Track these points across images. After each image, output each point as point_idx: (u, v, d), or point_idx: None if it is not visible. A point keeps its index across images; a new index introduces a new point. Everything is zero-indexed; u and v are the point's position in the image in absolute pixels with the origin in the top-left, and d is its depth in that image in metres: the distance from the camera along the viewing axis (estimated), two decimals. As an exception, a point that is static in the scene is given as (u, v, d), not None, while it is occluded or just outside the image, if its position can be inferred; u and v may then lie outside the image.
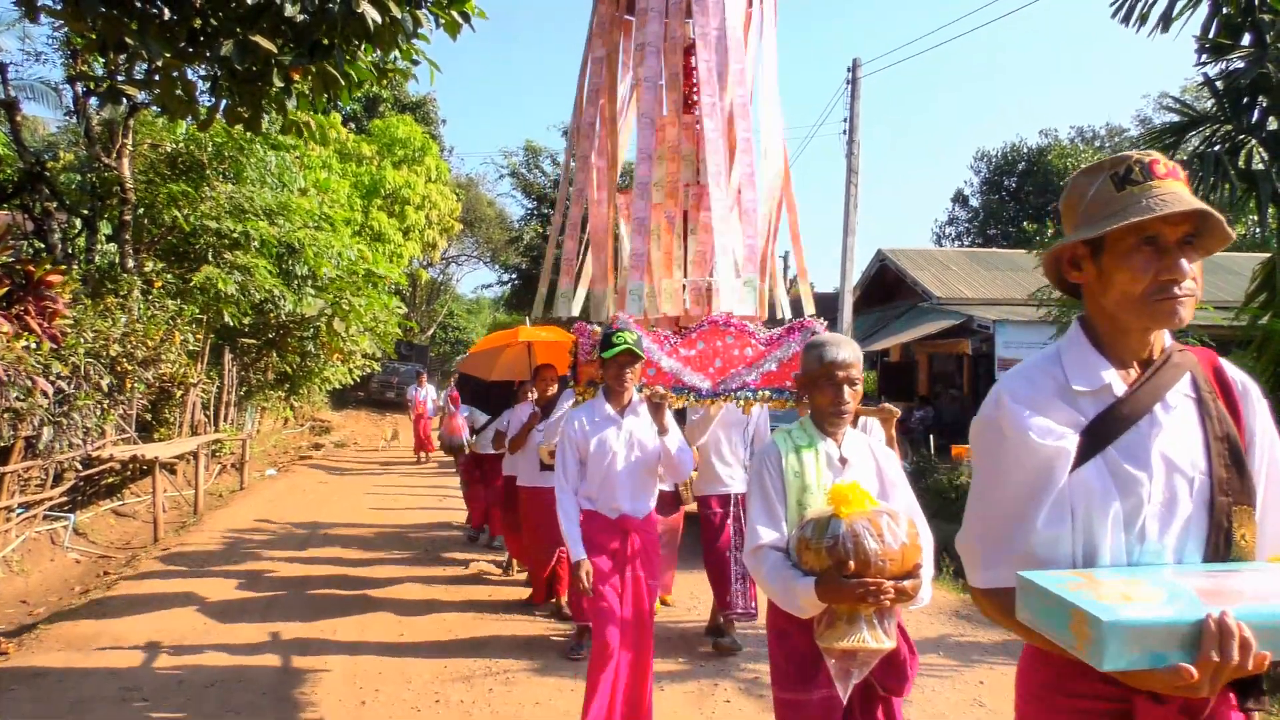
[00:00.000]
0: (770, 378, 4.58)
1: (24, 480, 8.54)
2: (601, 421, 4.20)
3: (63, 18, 5.80)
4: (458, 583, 7.89)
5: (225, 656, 5.75)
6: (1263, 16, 9.11)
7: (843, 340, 2.85)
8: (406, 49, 6.40)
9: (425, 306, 40.16)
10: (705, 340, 4.55)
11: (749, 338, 4.59)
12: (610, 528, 4.17)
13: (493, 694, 5.16)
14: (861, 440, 2.95)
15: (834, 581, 2.41)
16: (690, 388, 4.51)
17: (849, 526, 2.42)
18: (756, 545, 2.72)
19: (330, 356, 17.53)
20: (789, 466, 2.78)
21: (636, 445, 4.20)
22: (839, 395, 2.80)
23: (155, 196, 13.51)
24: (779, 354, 4.58)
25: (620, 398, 4.22)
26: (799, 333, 4.59)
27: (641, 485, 4.25)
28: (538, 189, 33.13)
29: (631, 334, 4.08)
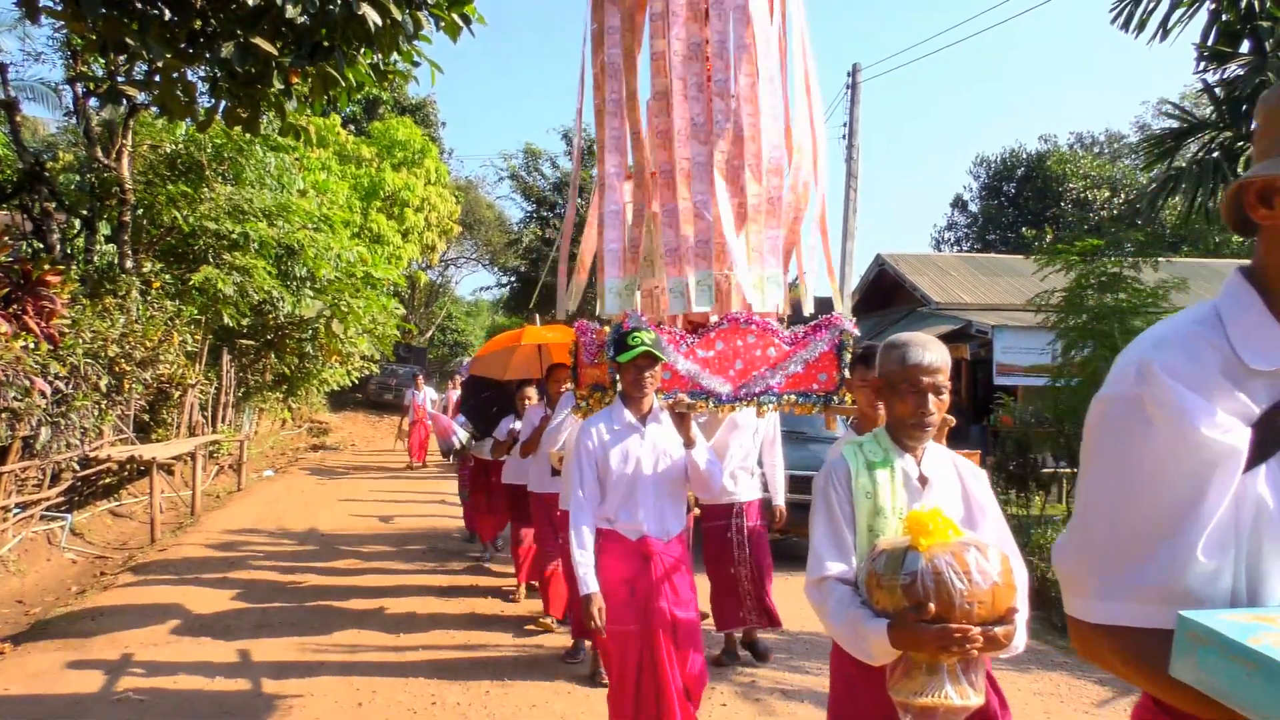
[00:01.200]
0: (795, 380, 4.15)
1: (21, 480, 8.52)
2: (621, 431, 3.77)
3: (63, 18, 5.81)
4: (455, 585, 7.88)
5: (221, 658, 5.75)
6: (1262, 23, 9.13)
7: (929, 341, 2.47)
8: (406, 51, 6.40)
9: (424, 308, 40.14)
10: (725, 340, 4.08)
11: (772, 337, 4.13)
12: (630, 552, 3.72)
13: (489, 696, 5.16)
14: (945, 457, 2.56)
15: (911, 626, 2.04)
16: (709, 392, 4.03)
17: (929, 561, 2.07)
18: (821, 576, 2.35)
19: (329, 358, 17.52)
20: (859, 486, 2.42)
21: (661, 457, 3.77)
22: (922, 404, 2.40)
23: (154, 197, 13.51)
24: (805, 354, 4.13)
25: (640, 404, 3.79)
26: (826, 331, 4.17)
27: (667, 503, 3.80)
28: (537, 192, 33.13)
29: (648, 333, 3.66)
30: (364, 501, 12.82)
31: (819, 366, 4.16)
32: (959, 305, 19.03)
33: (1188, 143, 10.51)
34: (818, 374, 4.17)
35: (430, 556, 9.10)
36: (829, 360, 4.13)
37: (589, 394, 4.33)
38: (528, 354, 8.06)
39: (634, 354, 3.63)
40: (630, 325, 3.78)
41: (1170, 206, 11.78)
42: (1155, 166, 10.99)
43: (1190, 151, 10.49)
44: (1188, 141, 10.47)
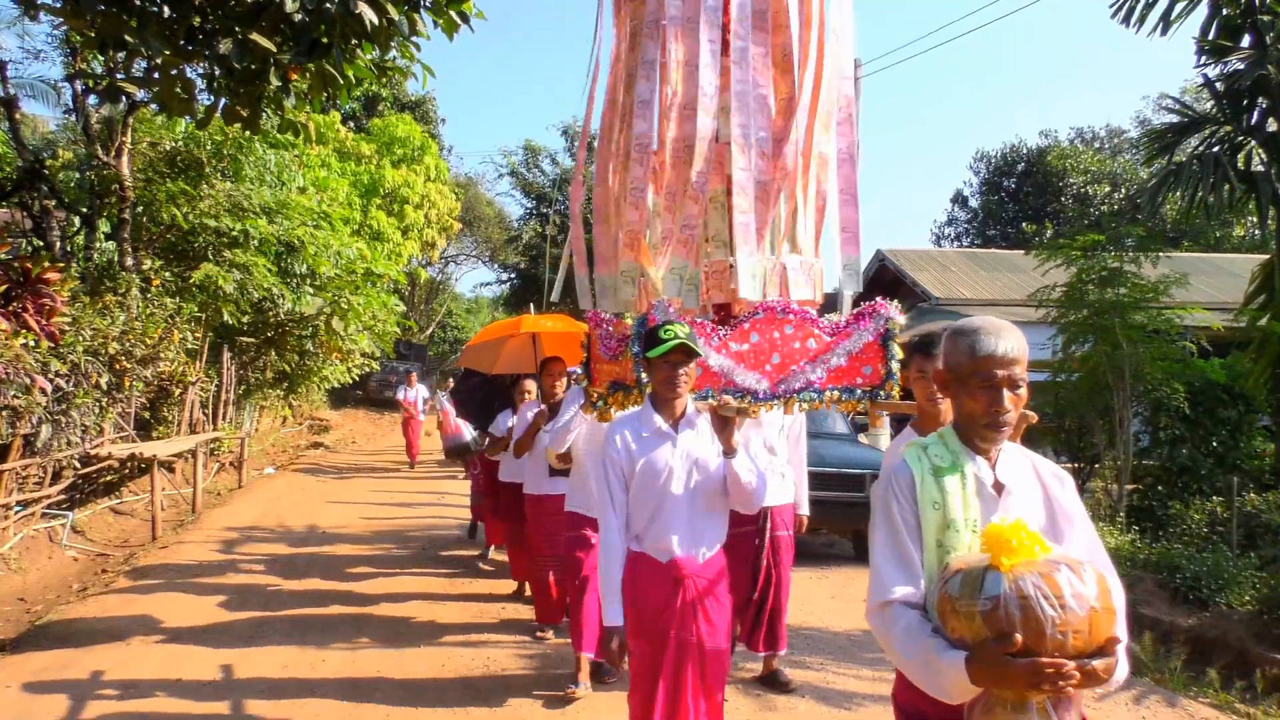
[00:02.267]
0: (838, 374, 3.71)
1: (22, 478, 8.53)
2: (651, 438, 3.33)
3: (62, 15, 5.80)
4: (455, 582, 7.88)
5: (222, 654, 5.75)
6: (1262, 18, 9.11)
7: (1003, 327, 2.13)
8: (405, 46, 6.39)
9: (424, 305, 40.14)
10: (759, 331, 3.62)
11: (811, 327, 3.69)
12: (659, 576, 3.28)
13: (490, 692, 5.17)
14: (1023, 460, 2.22)
15: (994, 659, 1.78)
16: (744, 390, 3.56)
17: (1013, 584, 1.79)
18: (885, 600, 2.06)
19: (329, 355, 17.51)
20: (925, 495, 2.12)
21: (696, 468, 3.31)
22: (996, 400, 2.08)
23: (154, 195, 13.50)
24: (847, 346, 3.69)
25: (673, 407, 3.35)
26: (870, 319, 3.73)
27: (703, 520, 3.34)
28: (537, 188, 33.16)
29: (682, 326, 3.24)
30: (364, 500, 12.83)
31: (863, 359, 3.73)
32: (960, 301, 19.03)
33: (1188, 137, 10.50)
34: (862, 367, 3.74)
35: (429, 554, 9.10)
36: (874, 351, 3.72)
37: (607, 393, 3.91)
38: (520, 345, 7.64)
39: (666, 349, 3.17)
40: (654, 316, 3.40)
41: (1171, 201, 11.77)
42: (1156, 161, 10.99)
43: (1191, 146, 10.48)
44: (1188, 136, 10.47)
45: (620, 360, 3.78)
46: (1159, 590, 7.51)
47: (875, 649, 6.22)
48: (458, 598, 7.33)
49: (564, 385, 5.93)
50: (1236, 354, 10.98)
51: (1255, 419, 10.98)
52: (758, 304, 3.71)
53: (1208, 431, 10.83)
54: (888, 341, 3.70)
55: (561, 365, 5.99)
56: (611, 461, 3.34)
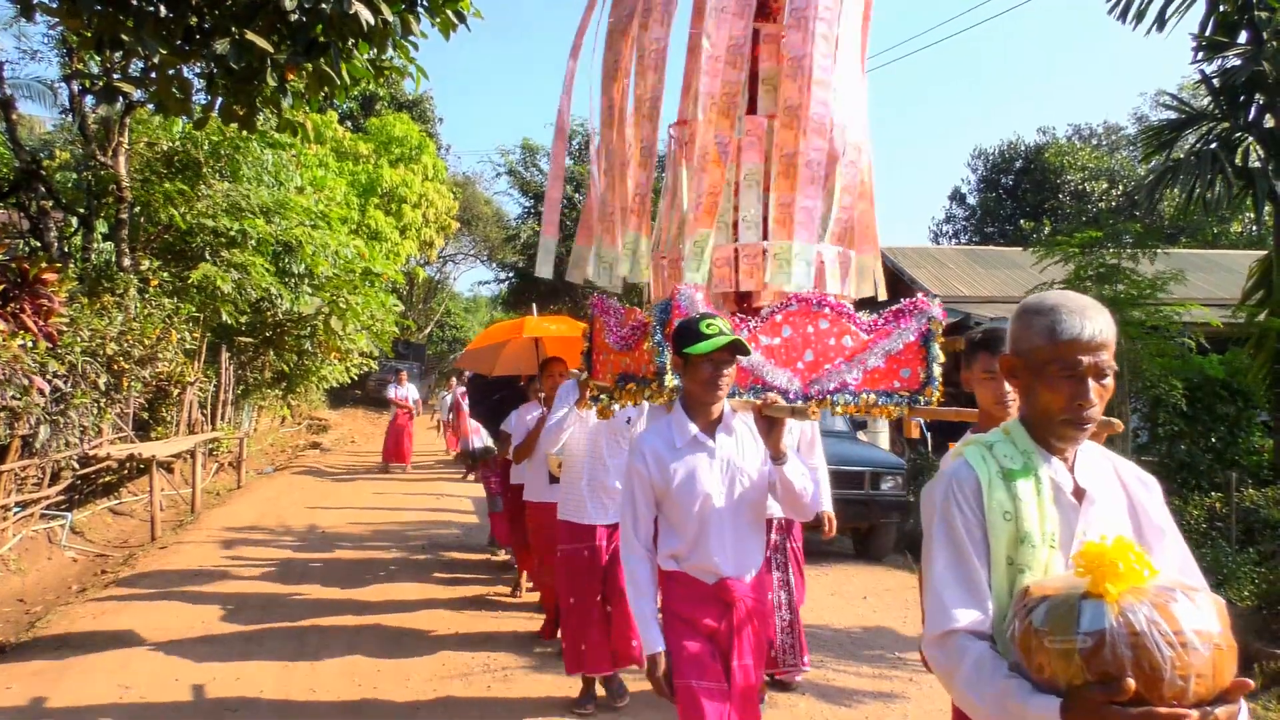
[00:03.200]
0: (875, 376, 3.38)
1: (21, 479, 8.52)
2: (686, 447, 2.97)
3: (59, 15, 5.79)
4: (456, 580, 7.89)
5: (222, 654, 5.75)
6: (1259, 14, 9.12)
7: (1088, 305, 1.80)
8: (402, 46, 6.39)
9: (422, 305, 40.11)
10: (793, 325, 3.29)
11: (848, 323, 3.36)
12: (705, 597, 2.96)
13: (490, 690, 5.17)
14: (1103, 462, 1.92)
15: (1098, 708, 1.45)
16: (773, 389, 3.21)
17: (1122, 618, 1.47)
18: (948, 629, 1.75)
19: (327, 355, 17.50)
20: (994, 503, 1.80)
21: (738, 477, 2.98)
22: (1080, 393, 1.76)
23: (151, 195, 13.48)
24: (886, 345, 3.37)
25: (709, 411, 2.99)
26: (911, 317, 3.40)
27: (748, 534, 3.04)
28: (535, 187, 33.11)
29: (724, 321, 2.90)
30: (363, 503, 12.83)
31: (902, 360, 3.41)
32: (957, 298, 19.01)
33: (1186, 134, 10.52)
34: (900, 369, 3.40)
35: (430, 557, 9.10)
36: (914, 352, 3.41)
37: (614, 387, 3.55)
38: (521, 349, 7.43)
39: (715, 345, 2.79)
40: (681, 306, 3.09)
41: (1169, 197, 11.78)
42: (1153, 158, 11.00)
43: (1188, 142, 10.50)
44: (1186, 133, 10.48)
45: (632, 351, 3.44)
46: (1158, 586, 7.51)
47: (875, 645, 6.22)
48: (459, 603, 7.19)
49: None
50: (1235, 350, 10.99)
51: (1254, 415, 10.98)
52: (791, 295, 3.36)
53: (1206, 427, 10.84)
54: (929, 342, 3.40)
55: (563, 366, 5.79)
56: (639, 478, 2.97)
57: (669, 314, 3.12)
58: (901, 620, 6.90)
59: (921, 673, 5.52)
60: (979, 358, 3.05)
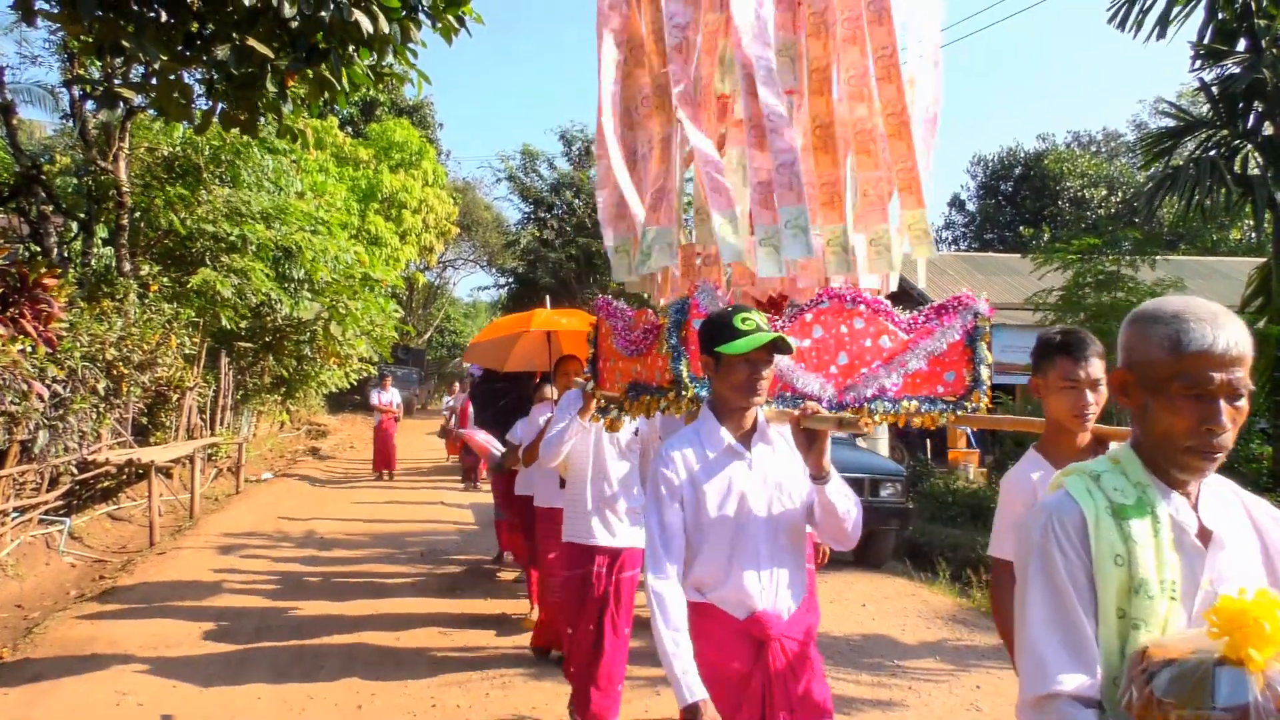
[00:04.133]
0: (917, 381, 3.04)
1: (19, 484, 8.51)
2: (719, 459, 2.59)
3: (59, 21, 5.80)
4: (459, 600, 7.87)
5: (220, 659, 5.74)
6: (1258, 22, 9.14)
7: (1219, 313, 1.53)
8: (402, 51, 6.40)
9: (422, 310, 40.17)
10: (824, 325, 2.96)
11: (885, 321, 3.04)
12: (737, 637, 2.54)
13: (489, 699, 5.16)
14: (1230, 497, 1.66)
15: None
16: (804, 395, 2.88)
17: (1269, 689, 1.27)
18: (1048, 693, 1.50)
19: (327, 360, 17.50)
20: (1102, 544, 1.54)
21: (778, 494, 2.61)
22: (1210, 416, 1.49)
23: (152, 200, 13.50)
24: (929, 346, 3.04)
25: (743, 418, 2.63)
26: (955, 315, 3.07)
27: (788, 561, 2.62)
28: (534, 193, 33.17)
29: (762, 315, 2.54)
30: (361, 507, 12.83)
31: (946, 362, 3.08)
32: (957, 304, 19.05)
33: (1185, 141, 10.53)
34: (944, 372, 3.07)
35: (428, 559, 9.09)
36: (958, 353, 3.08)
37: (624, 397, 3.25)
38: (534, 343, 7.05)
39: (752, 345, 2.44)
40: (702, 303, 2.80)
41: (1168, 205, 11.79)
42: (1153, 165, 11.02)
43: (1187, 150, 10.51)
44: (1185, 140, 10.49)
45: (645, 356, 3.11)
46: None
47: (875, 653, 6.21)
48: (459, 621, 7.02)
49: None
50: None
51: (1253, 422, 10.97)
52: (822, 290, 3.03)
53: (1205, 435, 10.82)
54: (975, 341, 3.09)
55: (578, 365, 5.23)
56: (669, 487, 2.57)
57: (686, 314, 2.83)
58: (900, 628, 6.89)
59: (920, 680, 5.51)
60: (1058, 363, 2.74)
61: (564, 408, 4.49)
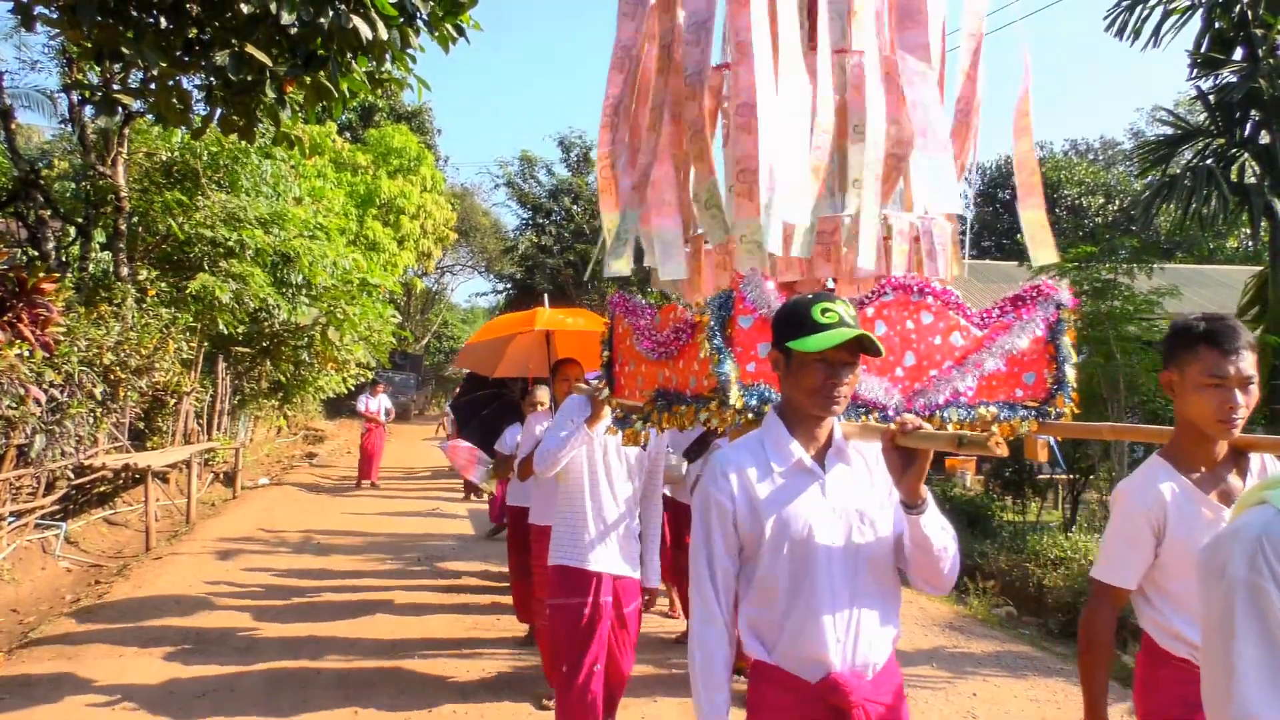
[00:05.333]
0: (994, 384, 2.65)
1: (15, 488, 8.50)
2: (789, 478, 2.11)
3: (59, 26, 5.81)
4: (450, 592, 7.87)
5: (216, 664, 5.73)
6: (1255, 31, 9.18)
7: None
8: (399, 57, 6.41)
9: (420, 315, 40.18)
10: (888, 320, 2.56)
11: (956, 315, 2.64)
12: (807, 705, 2.07)
13: (484, 704, 5.15)
14: None
15: None
16: (869, 404, 2.50)
17: None
18: None
19: (324, 365, 17.49)
20: None
21: (858, 525, 2.11)
22: None
23: (150, 205, 13.49)
24: (1006, 342, 2.65)
25: (816, 431, 2.15)
26: (1035, 307, 2.71)
27: (871, 609, 2.11)
28: (533, 199, 33.21)
29: (846, 305, 2.07)
30: (361, 509, 12.81)
31: (1025, 362, 2.69)
32: (954, 312, 19.09)
33: (1182, 150, 10.57)
34: (1022, 373, 2.69)
35: (424, 562, 9.08)
36: (1039, 351, 2.70)
37: (650, 406, 2.83)
38: (527, 346, 6.45)
39: (829, 342, 1.98)
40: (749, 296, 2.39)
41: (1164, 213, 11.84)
42: (1150, 173, 11.05)
43: (1184, 158, 10.55)
44: (1182, 148, 10.53)
45: (676, 360, 2.72)
46: (1154, 602, 7.51)
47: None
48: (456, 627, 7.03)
49: None
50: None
51: (1250, 429, 11.00)
52: (885, 280, 2.62)
53: (1202, 442, 10.83)
54: (1058, 337, 2.70)
55: (578, 369, 4.88)
56: (719, 511, 2.10)
57: (730, 309, 2.41)
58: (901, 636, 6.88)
59: (917, 688, 5.51)
60: (1201, 355, 2.25)
61: (566, 413, 3.95)
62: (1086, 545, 7.93)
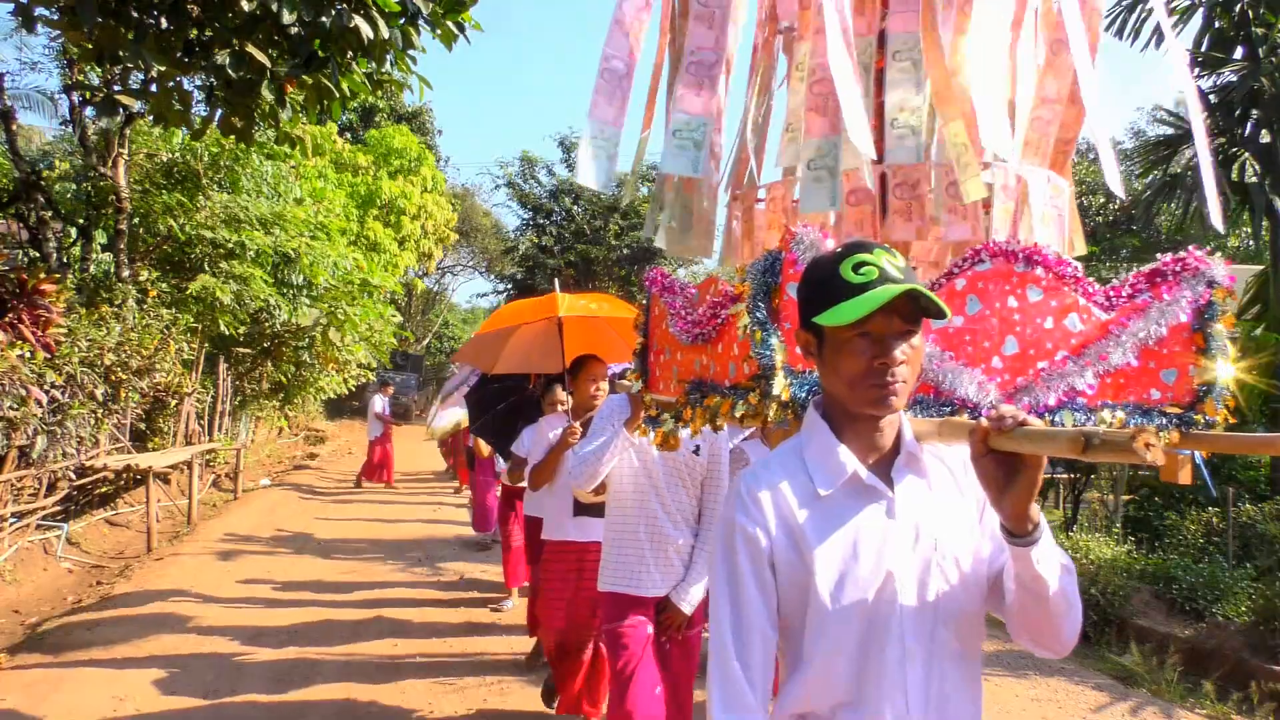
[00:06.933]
0: (1123, 381, 2.05)
1: (17, 490, 8.50)
2: (838, 501, 1.57)
3: (59, 27, 5.81)
4: (452, 592, 7.87)
5: (218, 666, 5.73)
6: (1255, 30, 9.18)
7: None
8: (401, 58, 6.41)
9: (421, 316, 40.19)
10: (983, 296, 2.00)
11: (1075, 292, 2.06)
12: None
13: (486, 703, 5.15)
14: None
15: None
16: (958, 403, 1.96)
17: None
18: None
19: (325, 366, 17.49)
20: None
21: (938, 561, 1.56)
22: None
23: (151, 206, 13.49)
24: (1140, 329, 2.04)
25: (875, 433, 1.60)
26: (1180, 283, 2.08)
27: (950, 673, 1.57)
28: (533, 199, 33.17)
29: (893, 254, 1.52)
30: (361, 511, 12.81)
31: (1164, 355, 2.06)
32: (955, 311, 19.06)
33: (1182, 149, 10.56)
34: (1160, 370, 2.06)
35: (426, 564, 9.09)
36: (1183, 341, 2.07)
37: (684, 402, 2.32)
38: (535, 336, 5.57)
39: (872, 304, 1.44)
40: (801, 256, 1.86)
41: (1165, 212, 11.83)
42: (1150, 172, 11.04)
43: (1185, 158, 10.54)
44: (1182, 148, 10.53)
45: (712, 344, 2.21)
46: (1155, 601, 7.51)
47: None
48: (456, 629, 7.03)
49: (603, 392, 4.32)
50: (1231, 364, 10.98)
51: (1251, 430, 11.00)
52: (982, 245, 2.05)
53: (1203, 442, 10.81)
54: (1208, 325, 2.07)
55: (601, 367, 4.34)
56: (750, 552, 1.55)
57: (777, 275, 1.92)
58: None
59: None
60: None
61: (605, 416, 3.44)
62: (1088, 545, 7.93)
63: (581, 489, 3.49)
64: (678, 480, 3.55)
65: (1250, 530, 8.44)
